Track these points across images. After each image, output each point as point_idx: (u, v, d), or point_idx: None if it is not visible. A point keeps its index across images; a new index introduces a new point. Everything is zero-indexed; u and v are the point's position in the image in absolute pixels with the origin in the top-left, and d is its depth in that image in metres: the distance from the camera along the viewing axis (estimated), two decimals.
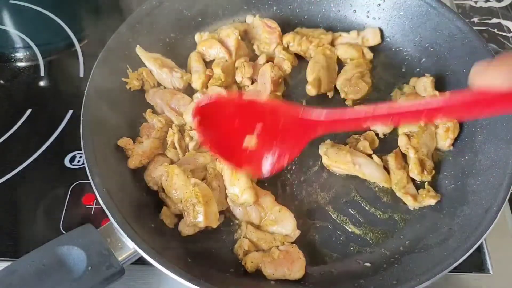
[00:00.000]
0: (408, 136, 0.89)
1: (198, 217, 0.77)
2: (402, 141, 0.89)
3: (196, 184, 0.79)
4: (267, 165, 0.77)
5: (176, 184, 0.81)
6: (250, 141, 0.76)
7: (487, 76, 0.52)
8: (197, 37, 1.03)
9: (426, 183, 0.87)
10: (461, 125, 0.91)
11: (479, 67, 0.54)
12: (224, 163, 0.82)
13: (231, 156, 0.77)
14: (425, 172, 0.86)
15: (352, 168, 0.86)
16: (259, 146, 0.76)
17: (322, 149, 0.89)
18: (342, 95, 0.97)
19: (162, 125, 0.90)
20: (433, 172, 0.88)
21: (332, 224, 0.84)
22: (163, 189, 0.84)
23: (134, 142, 0.88)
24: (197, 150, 0.88)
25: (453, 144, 0.90)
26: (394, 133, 0.93)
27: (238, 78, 0.97)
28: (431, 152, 0.90)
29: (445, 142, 0.89)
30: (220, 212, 0.82)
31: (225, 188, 0.83)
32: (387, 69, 1.03)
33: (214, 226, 0.78)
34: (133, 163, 0.85)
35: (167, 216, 0.82)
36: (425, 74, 0.96)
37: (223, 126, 0.76)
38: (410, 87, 0.97)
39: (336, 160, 0.86)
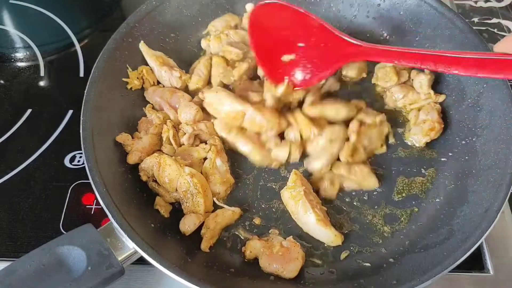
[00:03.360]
0: (360, 123, 0.90)
1: (199, 206, 0.81)
2: (352, 124, 0.90)
3: (192, 174, 0.81)
4: (300, 79, 0.85)
5: (170, 174, 0.82)
6: (289, 57, 0.84)
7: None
8: (203, 43, 1.03)
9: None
10: (461, 125, 0.91)
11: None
12: (265, 73, 0.88)
13: (271, 67, 0.85)
14: (353, 158, 0.87)
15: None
16: (297, 60, 0.84)
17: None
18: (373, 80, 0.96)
19: (160, 121, 0.90)
20: (361, 161, 0.88)
21: (332, 223, 0.84)
22: (154, 179, 0.85)
23: (132, 138, 0.88)
24: (191, 145, 0.89)
25: (449, 149, 0.90)
26: None
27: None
28: (370, 150, 0.90)
29: (423, 138, 0.90)
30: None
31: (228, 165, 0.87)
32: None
33: (211, 210, 0.83)
34: (132, 159, 0.85)
35: (161, 206, 0.83)
36: (424, 70, 0.96)
37: (271, 33, 0.84)
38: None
39: None
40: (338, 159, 0.88)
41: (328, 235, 0.80)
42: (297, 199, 0.81)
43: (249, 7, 1.05)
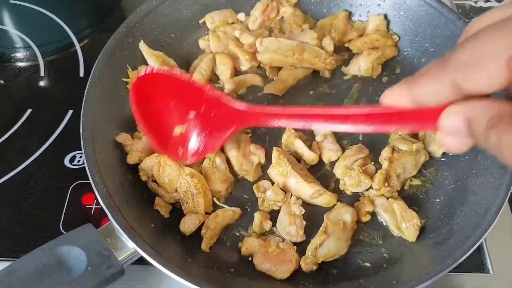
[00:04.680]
0: (394, 150, 0.87)
1: (199, 207, 0.81)
2: (384, 151, 0.87)
3: (192, 174, 0.81)
4: (191, 153, 0.80)
5: (170, 175, 0.82)
6: (180, 129, 0.80)
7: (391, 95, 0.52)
8: (201, 43, 1.03)
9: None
10: None
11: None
12: (152, 145, 0.82)
13: (159, 138, 0.80)
14: (386, 187, 0.82)
15: None
16: (188, 133, 0.79)
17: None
18: (341, 186, 0.86)
19: None
20: (395, 194, 0.84)
21: None
22: (153, 180, 0.85)
23: (132, 138, 0.88)
24: None
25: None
26: None
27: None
28: (404, 178, 0.86)
29: (439, 149, 0.89)
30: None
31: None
32: (386, 69, 1.02)
33: (210, 210, 0.83)
34: (132, 159, 0.85)
35: (161, 206, 0.83)
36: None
37: (158, 104, 0.78)
38: None
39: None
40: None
41: (324, 199, 0.83)
42: (286, 174, 0.83)
43: (242, 16, 1.05)
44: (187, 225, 0.81)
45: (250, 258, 0.79)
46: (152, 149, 0.87)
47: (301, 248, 0.79)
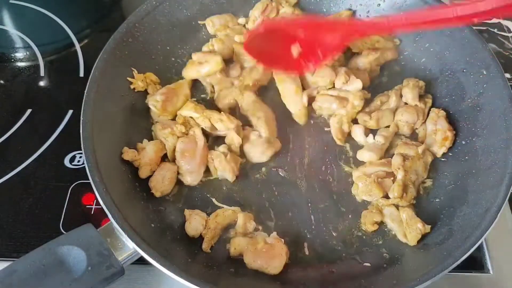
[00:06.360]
0: (404, 158, 0.86)
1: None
2: (396, 160, 0.85)
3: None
4: (312, 64, 0.88)
5: None
6: (296, 48, 0.85)
7: None
8: (205, 49, 1.03)
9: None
10: (461, 125, 0.91)
11: None
12: (279, 72, 0.94)
13: (282, 66, 0.90)
14: (404, 197, 0.83)
15: None
16: (304, 52, 0.86)
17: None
18: (353, 190, 0.87)
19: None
20: (413, 201, 0.85)
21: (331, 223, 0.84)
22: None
23: (138, 151, 0.87)
24: None
25: (449, 149, 0.89)
26: None
27: None
28: (418, 183, 0.87)
29: (440, 149, 0.89)
30: None
31: None
32: (386, 69, 1.02)
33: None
34: (144, 173, 0.85)
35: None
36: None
37: (272, 45, 0.87)
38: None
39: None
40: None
41: None
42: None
43: (242, 21, 1.05)
44: (194, 228, 0.80)
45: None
46: (158, 156, 0.87)
47: (290, 240, 0.80)
